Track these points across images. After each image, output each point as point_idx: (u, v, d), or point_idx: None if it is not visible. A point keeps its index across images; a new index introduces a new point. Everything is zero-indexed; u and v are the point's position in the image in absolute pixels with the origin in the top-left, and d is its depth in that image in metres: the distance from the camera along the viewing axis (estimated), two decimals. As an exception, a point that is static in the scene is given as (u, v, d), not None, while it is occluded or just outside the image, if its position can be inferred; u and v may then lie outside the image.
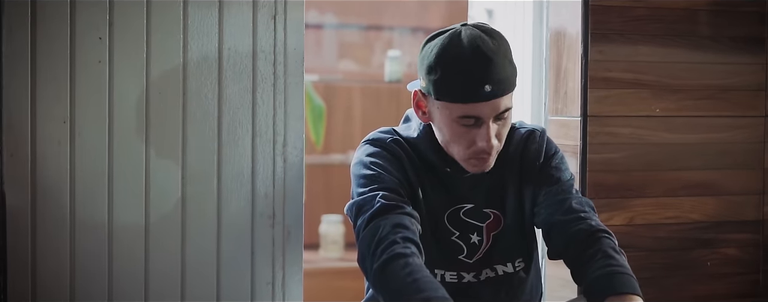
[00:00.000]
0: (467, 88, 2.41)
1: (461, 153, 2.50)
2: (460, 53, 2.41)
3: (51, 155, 2.69)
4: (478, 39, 2.41)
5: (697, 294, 3.35)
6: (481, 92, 2.39)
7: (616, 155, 3.24)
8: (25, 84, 2.66)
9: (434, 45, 2.46)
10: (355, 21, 5.72)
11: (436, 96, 2.45)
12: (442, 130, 2.50)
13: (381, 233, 2.36)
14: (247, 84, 2.83)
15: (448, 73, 2.42)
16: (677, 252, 3.33)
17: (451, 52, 2.42)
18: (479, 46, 2.40)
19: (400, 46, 5.78)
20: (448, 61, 2.42)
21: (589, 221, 2.51)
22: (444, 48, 2.43)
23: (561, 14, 3.28)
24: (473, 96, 2.40)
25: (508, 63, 2.44)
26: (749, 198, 3.41)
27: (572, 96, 3.23)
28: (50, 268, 2.70)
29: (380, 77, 5.64)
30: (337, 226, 5.22)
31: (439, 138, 2.54)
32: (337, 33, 5.73)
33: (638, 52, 3.25)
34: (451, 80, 2.42)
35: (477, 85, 2.39)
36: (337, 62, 5.70)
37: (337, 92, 5.52)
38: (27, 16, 2.65)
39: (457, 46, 2.42)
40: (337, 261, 5.10)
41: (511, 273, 2.64)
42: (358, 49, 5.78)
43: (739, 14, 3.35)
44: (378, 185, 2.48)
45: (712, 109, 3.35)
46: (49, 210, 2.70)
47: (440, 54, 2.43)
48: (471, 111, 2.42)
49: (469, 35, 2.43)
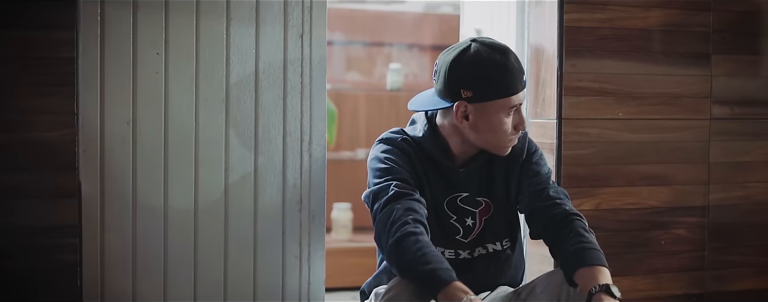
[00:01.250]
0: (513, 82, 2.48)
1: (505, 138, 2.54)
2: (497, 59, 2.47)
3: (117, 150, 2.69)
4: (494, 44, 2.50)
5: (653, 267, 3.34)
6: (521, 83, 2.50)
7: (586, 151, 3.23)
8: (96, 92, 2.66)
9: (466, 61, 2.48)
10: (360, 38, 5.66)
11: (491, 97, 2.48)
12: (489, 126, 2.51)
13: (395, 215, 2.38)
14: (279, 91, 2.82)
15: (497, 76, 2.47)
16: (636, 232, 3.31)
17: (489, 61, 2.47)
18: (504, 50, 2.49)
19: (398, 59, 5.69)
20: (492, 67, 2.47)
21: (563, 206, 2.52)
22: (480, 60, 2.47)
23: (540, 33, 3.26)
24: (518, 86, 2.50)
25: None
26: (697, 188, 3.39)
27: (549, 102, 3.21)
28: (116, 245, 2.71)
29: (382, 86, 5.57)
30: (346, 212, 5.15)
31: (481, 135, 2.53)
32: (344, 48, 5.64)
33: (604, 65, 3.24)
34: (501, 80, 2.47)
35: (519, 78, 2.50)
36: (345, 73, 5.60)
37: (346, 99, 5.41)
38: (97, 35, 2.65)
39: (489, 55, 2.47)
40: (347, 242, 5.04)
41: (499, 251, 2.65)
42: (362, 62, 5.71)
43: (688, 34, 3.34)
44: (391, 176, 2.49)
45: (665, 113, 3.34)
46: (116, 197, 2.70)
47: (477, 65, 2.47)
48: (516, 100, 2.50)
49: (488, 46, 2.49)
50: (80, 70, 2.63)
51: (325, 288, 2.95)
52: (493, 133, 2.53)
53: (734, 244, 3.46)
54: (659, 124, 3.34)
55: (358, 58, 5.75)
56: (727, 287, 3.45)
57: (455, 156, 2.60)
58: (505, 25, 3.44)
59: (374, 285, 2.66)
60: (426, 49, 5.73)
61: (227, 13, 2.76)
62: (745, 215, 3.47)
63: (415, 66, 5.79)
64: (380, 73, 5.71)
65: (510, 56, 2.49)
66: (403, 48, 5.79)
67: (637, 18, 3.26)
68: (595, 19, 3.20)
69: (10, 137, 2.54)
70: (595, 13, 3.20)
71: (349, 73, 5.65)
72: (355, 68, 5.72)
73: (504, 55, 2.48)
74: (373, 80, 5.71)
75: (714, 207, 3.42)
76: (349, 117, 5.48)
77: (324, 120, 2.88)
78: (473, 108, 2.50)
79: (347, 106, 5.47)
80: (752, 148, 3.48)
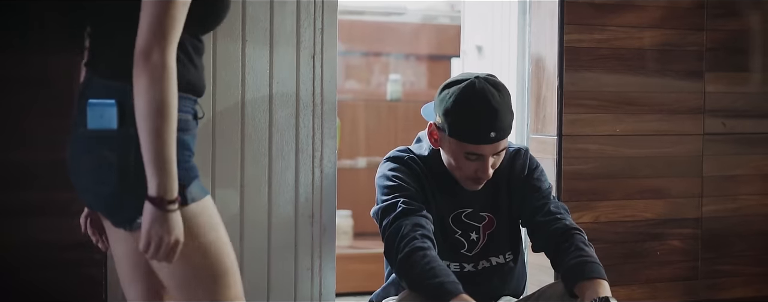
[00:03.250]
0: (477, 134, 2.47)
1: (462, 176, 2.57)
2: (473, 104, 2.46)
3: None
4: (488, 93, 2.46)
5: (649, 277, 3.39)
6: (487, 138, 2.47)
7: (585, 166, 3.29)
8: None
9: (452, 93, 2.49)
10: (359, 48, 5.66)
11: (449, 134, 2.51)
12: (448, 157, 2.56)
13: (403, 231, 2.43)
14: (291, 110, 2.84)
15: (461, 120, 2.48)
16: (633, 243, 3.36)
17: (465, 102, 2.47)
18: (489, 100, 2.46)
19: (395, 69, 5.70)
20: (463, 109, 2.47)
21: (564, 221, 2.57)
22: (460, 97, 2.48)
23: (541, 52, 3.31)
24: (481, 140, 2.47)
25: (509, 113, 2.49)
26: (691, 200, 3.44)
27: (550, 119, 3.26)
28: None
29: (380, 96, 5.56)
30: (347, 219, 5.14)
31: (445, 161, 2.59)
32: (343, 58, 5.60)
33: (602, 84, 3.29)
34: (464, 126, 2.48)
35: (485, 132, 2.46)
36: (344, 82, 5.58)
37: (345, 109, 5.38)
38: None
39: (470, 98, 2.47)
40: (347, 248, 5.03)
41: (502, 264, 2.70)
42: (360, 71, 5.71)
43: (682, 52, 3.40)
44: (399, 193, 2.53)
45: (660, 129, 3.39)
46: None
47: (456, 102, 2.47)
48: (476, 150, 2.49)
49: (481, 89, 2.47)
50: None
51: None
52: (451, 167, 2.58)
53: (726, 254, 3.52)
54: (655, 139, 3.39)
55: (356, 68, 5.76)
56: (719, 296, 3.51)
57: (458, 174, 2.64)
58: (507, 43, 3.50)
59: (383, 296, 2.70)
60: (423, 59, 5.77)
61: (242, 35, 2.79)
62: (737, 226, 3.53)
63: (411, 75, 5.83)
64: (377, 82, 5.72)
65: (487, 108, 2.46)
66: (399, 57, 5.79)
67: (633, 38, 3.32)
68: (593, 40, 3.26)
69: (35, 156, 2.58)
70: (594, 33, 3.27)
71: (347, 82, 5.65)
72: (354, 77, 5.73)
73: (483, 105, 2.46)
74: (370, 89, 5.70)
75: (707, 219, 3.48)
76: (349, 126, 5.44)
77: (334, 137, 2.90)
78: (440, 134, 2.56)
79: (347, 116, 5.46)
80: (743, 161, 3.54)
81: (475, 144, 2.48)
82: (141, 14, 1.87)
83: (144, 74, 1.84)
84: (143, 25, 1.86)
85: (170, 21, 1.86)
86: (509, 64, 3.48)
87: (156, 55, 1.84)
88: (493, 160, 2.53)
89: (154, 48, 1.84)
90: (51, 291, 2.62)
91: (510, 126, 2.52)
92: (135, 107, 1.85)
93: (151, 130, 1.83)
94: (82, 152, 1.96)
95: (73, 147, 1.99)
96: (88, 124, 1.93)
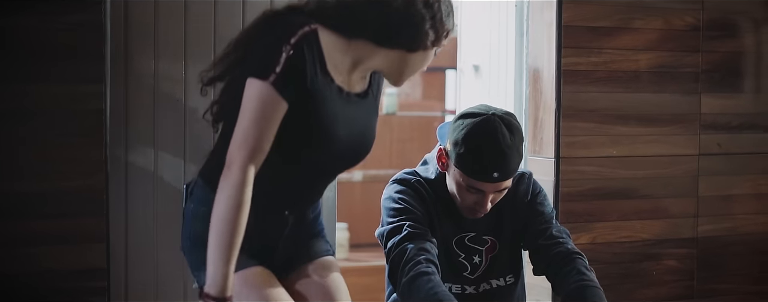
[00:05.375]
0: (480, 171, 2.46)
1: (461, 205, 2.57)
2: (482, 142, 2.45)
3: (139, 193, 2.74)
4: (499, 133, 2.45)
5: (646, 296, 3.41)
6: (490, 177, 2.46)
7: (582, 188, 3.31)
8: (122, 139, 2.71)
9: (465, 125, 2.48)
10: None
11: (455, 164, 2.50)
12: (452, 184, 2.56)
13: (408, 255, 2.43)
14: None
15: (468, 155, 2.46)
16: (629, 264, 3.38)
17: (475, 137, 2.45)
18: (499, 141, 2.44)
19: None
20: (471, 145, 2.46)
21: (566, 245, 2.57)
22: (471, 131, 2.46)
23: (538, 75, 3.33)
24: (483, 178, 2.47)
25: (517, 155, 2.48)
26: (686, 220, 3.48)
27: (547, 142, 3.28)
28: (140, 284, 2.76)
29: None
30: (343, 232, 5.15)
31: (448, 185, 2.59)
32: None
33: (599, 106, 3.31)
34: (469, 161, 2.47)
35: (489, 171, 2.45)
36: None
37: None
38: (123, 85, 2.70)
39: (481, 134, 2.45)
40: (344, 261, 5.01)
41: (503, 286, 2.69)
42: None
43: (678, 74, 3.42)
44: (405, 216, 2.53)
45: (656, 150, 3.42)
46: (140, 238, 2.74)
47: (467, 135, 2.46)
48: (477, 186, 2.49)
49: (493, 128, 2.45)
50: (108, 120, 2.68)
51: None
52: (452, 194, 2.58)
53: (722, 274, 3.55)
54: (650, 160, 3.42)
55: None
56: (715, 314, 3.54)
57: (463, 197, 2.64)
58: (504, 63, 3.50)
59: (384, 318, 2.71)
60: (417, 70, 5.78)
61: None
62: (733, 246, 3.56)
63: (406, 87, 5.84)
64: (373, 95, 5.71)
65: (495, 148, 2.44)
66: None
67: (630, 61, 3.35)
68: (590, 63, 3.29)
69: (42, 186, 2.60)
70: (591, 56, 3.29)
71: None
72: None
73: (492, 145, 2.44)
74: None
75: (703, 239, 3.51)
76: None
77: None
78: (448, 161, 2.56)
79: (344, 129, 5.48)
80: (739, 181, 3.57)
81: (477, 180, 2.49)
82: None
83: (220, 184, 1.94)
84: (234, 134, 1.95)
85: (253, 135, 1.93)
86: (506, 85, 3.49)
87: (234, 167, 1.92)
88: (493, 196, 2.54)
89: (234, 161, 1.92)
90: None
91: (516, 169, 2.52)
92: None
93: (212, 240, 1.93)
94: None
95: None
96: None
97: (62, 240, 2.61)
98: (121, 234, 2.75)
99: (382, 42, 2.04)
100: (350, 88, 2.10)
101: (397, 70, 2.10)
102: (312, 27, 2.00)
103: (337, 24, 2.02)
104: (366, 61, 2.08)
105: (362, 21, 2.01)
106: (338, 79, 2.06)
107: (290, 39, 1.95)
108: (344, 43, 2.05)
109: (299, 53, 1.95)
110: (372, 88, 2.19)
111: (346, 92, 2.09)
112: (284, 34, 1.96)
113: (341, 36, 2.04)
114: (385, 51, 2.06)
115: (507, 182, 2.51)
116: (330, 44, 2.03)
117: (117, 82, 2.72)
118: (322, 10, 2.02)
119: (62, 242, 2.61)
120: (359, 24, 2.02)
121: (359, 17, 2.01)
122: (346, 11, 2.01)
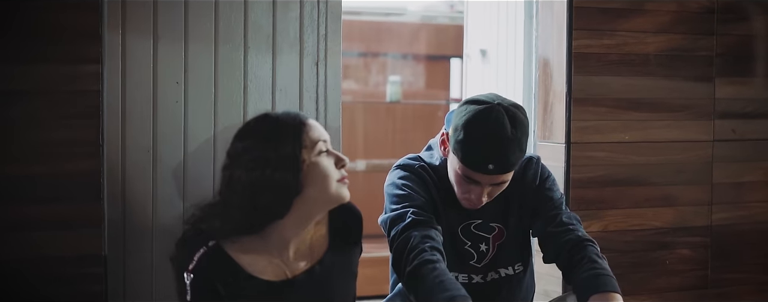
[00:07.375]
0: (475, 161, 2.42)
1: (457, 193, 2.53)
2: (481, 131, 2.40)
3: (138, 178, 2.70)
4: (500, 124, 2.39)
5: (659, 286, 3.38)
6: (485, 168, 2.41)
7: (594, 174, 3.26)
8: (118, 122, 2.67)
9: (468, 111, 2.43)
10: (356, 48, 5.65)
11: (452, 150, 2.47)
12: (450, 171, 2.52)
13: (412, 242, 2.39)
14: None
15: (465, 143, 2.42)
16: (642, 252, 3.35)
17: (475, 126, 2.41)
18: (498, 132, 2.39)
19: (394, 69, 5.71)
20: (470, 133, 2.41)
21: (576, 232, 2.53)
22: (472, 119, 2.41)
23: (548, 58, 3.29)
24: (478, 168, 2.42)
25: (517, 150, 2.42)
26: (700, 208, 3.44)
27: (558, 126, 3.24)
28: (138, 271, 2.72)
29: (379, 97, 5.56)
30: None
31: (448, 171, 2.55)
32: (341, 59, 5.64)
33: (611, 90, 3.27)
34: (465, 149, 2.42)
35: (484, 162, 2.40)
36: (342, 83, 5.58)
37: (343, 110, 5.41)
38: (119, 67, 2.66)
39: (482, 123, 2.40)
40: None
41: (511, 275, 2.67)
42: (358, 71, 5.71)
43: (692, 58, 3.38)
44: (409, 203, 2.50)
45: (669, 135, 3.37)
46: (137, 224, 2.71)
47: (467, 123, 2.42)
48: (472, 176, 2.44)
49: (495, 118, 2.40)
50: (105, 102, 2.64)
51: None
52: (451, 178, 2.54)
53: (736, 263, 3.51)
54: (664, 146, 3.37)
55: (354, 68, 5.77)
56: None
57: (470, 183, 2.60)
58: (513, 47, 3.48)
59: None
60: (422, 59, 5.75)
61: (245, 43, 2.76)
62: (747, 234, 3.52)
63: (410, 75, 5.82)
64: (374, 82, 5.72)
65: (493, 139, 2.40)
66: (397, 57, 5.80)
67: (643, 43, 3.30)
68: (602, 45, 3.24)
69: (38, 169, 2.56)
70: (603, 38, 3.24)
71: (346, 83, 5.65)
72: (352, 78, 5.73)
73: (490, 135, 2.40)
74: (368, 89, 5.71)
75: (716, 227, 3.47)
76: (347, 128, 5.44)
77: (338, 145, 2.86)
78: (449, 145, 2.51)
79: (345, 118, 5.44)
80: (754, 168, 3.53)
81: (472, 170, 2.44)
82: None
83: None
84: None
85: None
86: (515, 69, 3.47)
87: None
88: (490, 189, 2.49)
89: None
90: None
91: (515, 163, 2.45)
92: None
93: None
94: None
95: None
96: None
97: (58, 226, 2.57)
98: (119, 219, 2.71)
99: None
100: (291, 272, 2.25)
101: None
102: (210, 245, 2.15)
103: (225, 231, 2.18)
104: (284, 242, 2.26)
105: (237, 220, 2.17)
106: (268, 273, 2.21)
107: (188, 265, 2.12)
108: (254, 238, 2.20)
109: (200, 274, 2.12)
110: (324, 259, 2.32)
111: (279, 282, 2.22)
112: (185, 260, 2.14)
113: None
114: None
115: (505, 176, 2.46)
116: (238, 248, 2.18)
117: (113, 62, 2.67)
118: (209, 224, 2.17)
119: (58, 227, 2.57)
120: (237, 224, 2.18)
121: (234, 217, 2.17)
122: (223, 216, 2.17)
